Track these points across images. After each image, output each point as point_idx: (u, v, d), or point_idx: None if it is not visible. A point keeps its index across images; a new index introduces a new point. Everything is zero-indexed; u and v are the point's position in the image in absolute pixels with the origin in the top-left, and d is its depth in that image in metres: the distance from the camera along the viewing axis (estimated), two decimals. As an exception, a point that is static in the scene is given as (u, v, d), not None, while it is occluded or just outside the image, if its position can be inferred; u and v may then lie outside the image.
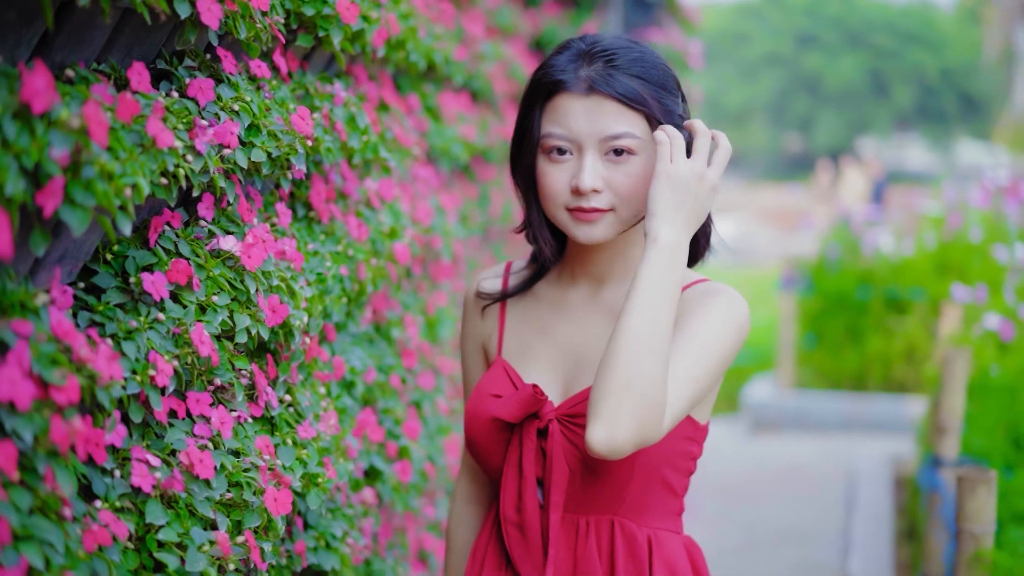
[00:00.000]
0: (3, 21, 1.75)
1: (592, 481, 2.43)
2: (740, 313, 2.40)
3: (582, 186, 2.36)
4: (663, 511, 2.48)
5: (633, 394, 2.21)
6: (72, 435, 1.70)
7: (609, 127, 2.36)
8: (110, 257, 2.16)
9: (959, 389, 5.25)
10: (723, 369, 2.37)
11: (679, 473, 2.48)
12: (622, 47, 2.42)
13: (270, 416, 2.52)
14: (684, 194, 2.30)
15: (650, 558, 2.46)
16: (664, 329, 2.24)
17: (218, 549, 2.10)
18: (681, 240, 2.29)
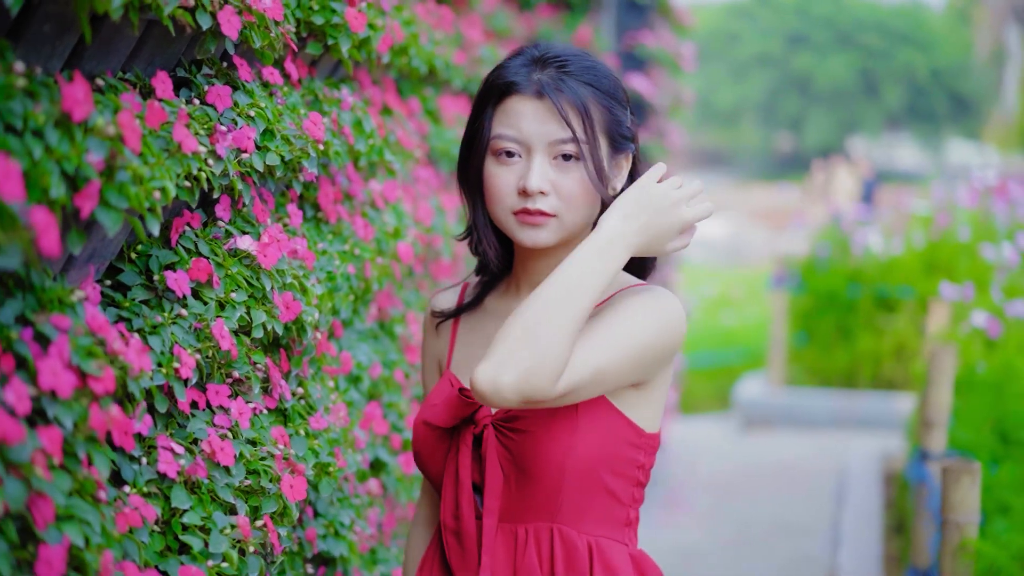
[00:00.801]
0: (40, 34, 1.87)
1: (527, 487, 2.42)
2: (667, 311, 2.40)
3: (529, 187, 2.38)
4: (606, 519, 2.45)
5: (530, 342, 2.22)
6: (109, 422, 1.82)
7: (558, 131, 2.38)
8: (135, 256, 2.27)
9: (946, 384, 5.36)
10: (641, 362, 2.35)
11: (623, 480, 2.44)
12: (575, 55, 2.45)
13: (284, 408, 2.63)
14: (650, 207, 2.32)
15: (591, 565, 2.44)
16: (580, 301, 2.24)
17: (239, 532, 2.21)
18: (624, 237, 2.30)
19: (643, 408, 2.44)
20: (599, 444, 2.39)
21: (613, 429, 2.41)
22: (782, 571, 7.10)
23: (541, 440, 2.38)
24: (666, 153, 9.00)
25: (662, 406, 2.50)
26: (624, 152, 2.48)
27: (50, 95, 1.75)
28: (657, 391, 2.46)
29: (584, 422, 2.39)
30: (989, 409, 5.74)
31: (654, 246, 2.34)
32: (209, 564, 2.14)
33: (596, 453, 2.39)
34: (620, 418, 2.41)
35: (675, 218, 2.34)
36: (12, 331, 1.73)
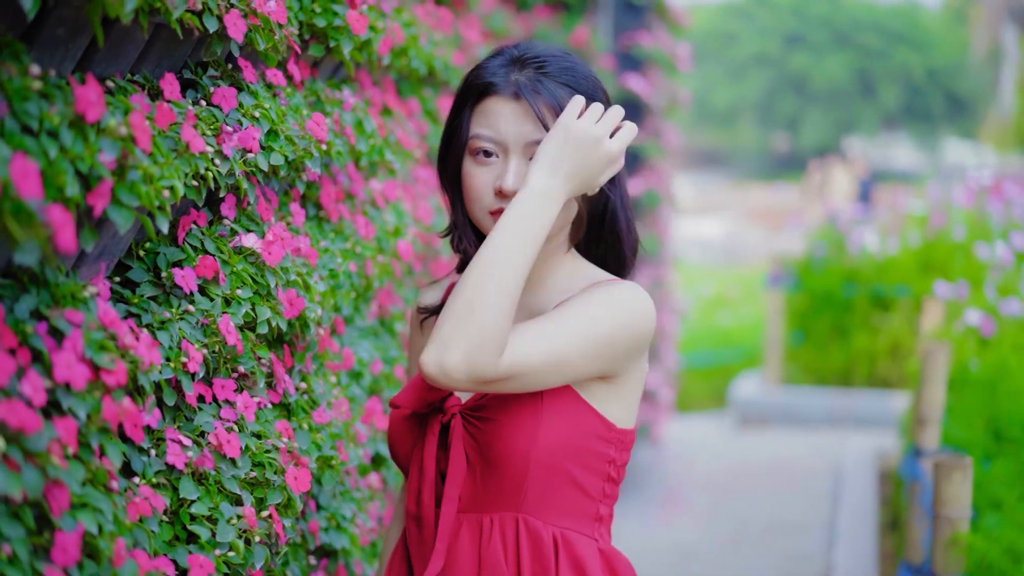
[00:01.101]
0: (53, 37, 1.92)
1: (492, 476, 2.43)
2: (633, 304, 2.42)
3: (505, 187, 2.39)
4: (573, 512, 2.46)
5: (470, 321, 2.23)
6: (121, 414, 1.87)
7: (535, 132, 2.40)
8: (143, 253, 2.33)
9: (939, 382, 5.41)
10: (604, 353, 2.37)
11: (591, 474, 2.46)
12: (554, 56, 2.46)
13: (287, 402, 2.69)
14: (575, 151, 2.33)
15: (556, 557, 2.45)
16: (514, 269, 2.26)
17: (245, 523, 2.27)
18: (555, 191, 2.32)
19: (614, 403, 2.46)
20: (564, 435, 2.41)
21: (581, 421, 2.43)
22: (778, 569, 7.15)
23: (505, 429, 2.40)
24: (663, 153, 9.06)
25: (635, 402, 2.51)
26: None
27: (64, 97, 1.80)
28: (627, 386, 2.47)
29: (549, 412, 2.40)
30: (982, 406, 5.79)
31: (585, 187, 2.36)
32: (216, 553, 2.20)
33: (561, 444, 2.41)
34: (589, 411, 2.43)
35: (601, 155, 2.35)
36: (27, 325, 1.78)
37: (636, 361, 2.47)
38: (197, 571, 2.11)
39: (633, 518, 8.14)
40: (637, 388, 2.51)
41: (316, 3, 2.92)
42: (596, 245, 2.59)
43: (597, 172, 2.36)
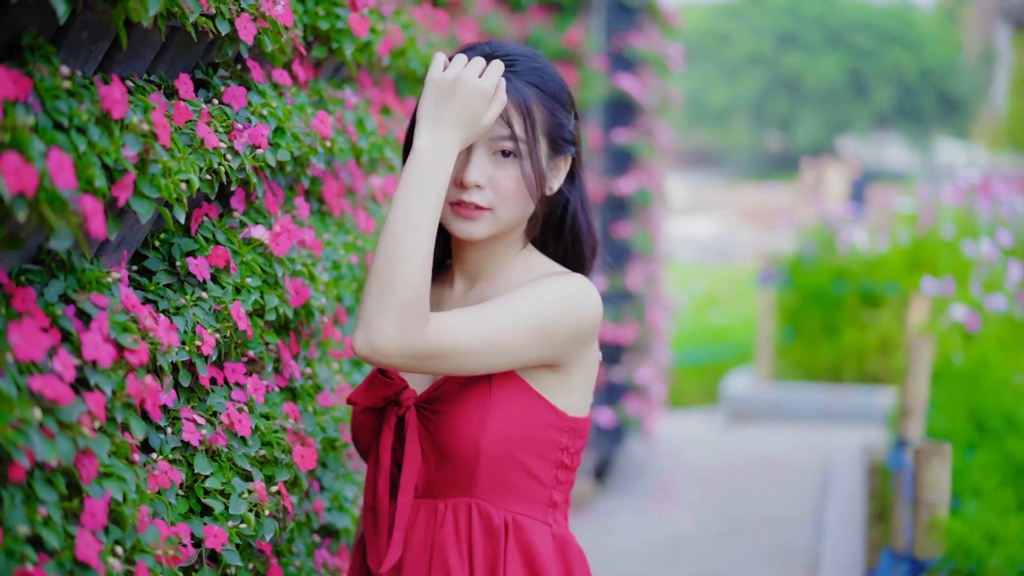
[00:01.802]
0: (78, 40, 2.06)
1: (445, 465, 2.49)
2: (576, 295, 2.48)
3: (466, 179, 2.45)
4: (526, 498, 2.52)
5: (389, 297, 2.28)
6: (143, 390, 2.01)
7: (499, 128, 2.46)
8: (158, 244, 2.46)
9: (923, 374, 5.55)
10: (543, 340, 2.42)
11: (543, 461, 2.52)
12: (523, 56, 2.53)
13: (293, 387, 2.83)
14: (447, 98, 2.37)
15: (506, 540, 2.50)
16: (421, 232, 2.31)
17: (256, 497, 2.41)
18: (441, 144, 2.35)
19: (563, 391, 2.52)
20: (514, 425, 2.47)
21: (530, 411, 2.48)
22: (768, 560, 7.29)
23: (455, 420, 2.46)
24: (655, 152, 9.19)
25: (586, 390, 2.56)
26: (563, 154, 2.57)
27: (91, 96, 1.94)
28: (577, 376, 2.53)
29: (497, 403, 2.46)
30: (965, 399, 5.93)
31: (473, 130, 2.39)
32: (229, 525, 2.33)
33: (511, 433, 2.47)
34: (539, 401, 2.49)
35: (473, 92, 2.37)
36: (57, 308, 1.93)
37: (583, 351, 2.52)
38: (212, 540, 2.24)
39: (625, 511, 8.28)
40: (588, 377, 2.56)
41: (320, 6, 3.05)
42: (555, 244, 2.67)
43: (478, 110, 2.39)
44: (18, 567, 1.68)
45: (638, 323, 8.87)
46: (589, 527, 7.85)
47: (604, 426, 8.51)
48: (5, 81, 1.63)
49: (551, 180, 2.56)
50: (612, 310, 8.53)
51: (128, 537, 1.97)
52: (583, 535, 7.50)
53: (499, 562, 2.49)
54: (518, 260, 2.60)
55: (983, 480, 4.74)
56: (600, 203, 8.27)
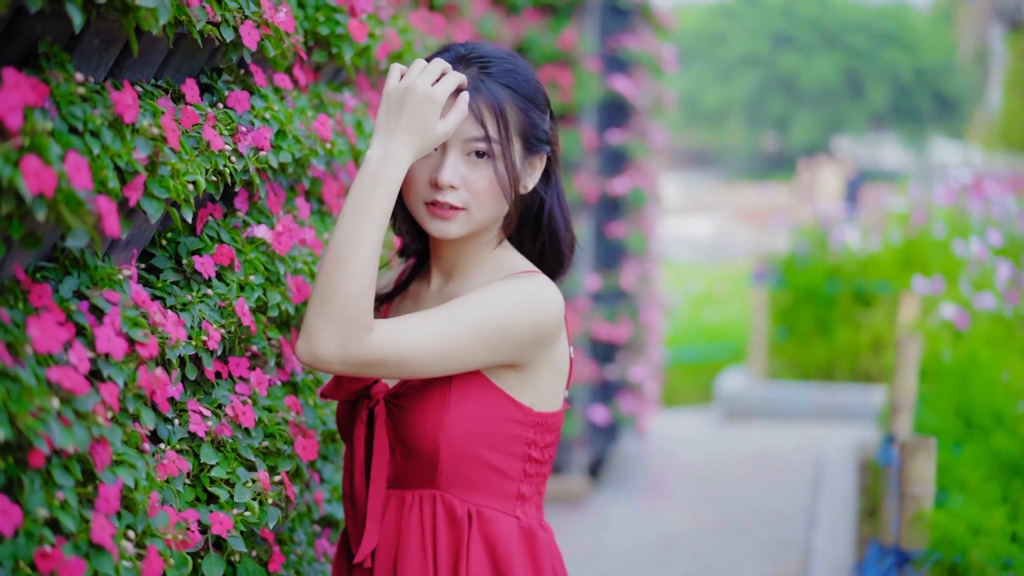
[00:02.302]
0: (90, 47, 2.15)
1: (410, 458, 2.56)
2: (531, 296, 2.51)
3: (440, 180, 2.48)
4: (491, 491, 2.57)
5: (328, 306, 2.31)
6: (154, 382, 2.11)
7: (472, 129, 2.49)
8: (165, 243, 2.55)
9: (912, 372, 5.64)
10: (496, 342, 2.46)
11: (507, 455, 2.57)
12: (498, 57, 2.57)
13: (295, 381, 2.92)
14: (398, 107, 2.40)
15: (469, 531, 2.55)
16: (364, 245, 2.34)
17: (259, 486, 2.50)
18: (392, 153, 2.39)
19: (528, 389, 2.56)
20: (474, 420, 2.52)
21: (492, 407, 2.53)
22: (760, 555, 7.38)
23: (416, 415, 2.53)
24: (648, 152, 9.28)
25: (556, 387, 2.60)
26: (538, 153, 2.61)
27: (104, 101, 2.04)
28: (541, 375, 2.57)
29: (456, 399, 2.51)
30: (954, 396, 6.02)
31: (426, 139, 2.41)
32: (234, 512, 2.42)
33: (470, 428, 2.52)
34: (502, 397, 2.54)
35: (426, 103, 2.40)
36: (71, 304, 2.02)
37: (545, 350, 2.56)
38: (218, 527, 2.34)
39: (620, 508, 8.37)
40: (555, 374, 2.60)
41: (320, 12, 3.14)
42: (532, 241, 2.71)
43: (428, 119, 2.41)
44: (37, 548, 1.78)
45: (632, 322, 8.97)
46: (584, 524, 7.94)
47: (598, 424, 8.60)
48: (24, 88, 1.72)
49: (526, 179, 2.61)
50: (606, 309, 8.63)
51: (139, 522, 2.06)
52: (578, 532, 7.65)
53: (462, 552, 2.54)
54: (492, 258, 2.64)
55: (969, 474, 4.83)
56: (594, 203, 8.36)
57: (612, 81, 8.41)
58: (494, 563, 2.56)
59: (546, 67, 7.78)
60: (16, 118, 1.68)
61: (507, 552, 2.56)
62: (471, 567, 2.54)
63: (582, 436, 8.39)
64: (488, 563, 2.56)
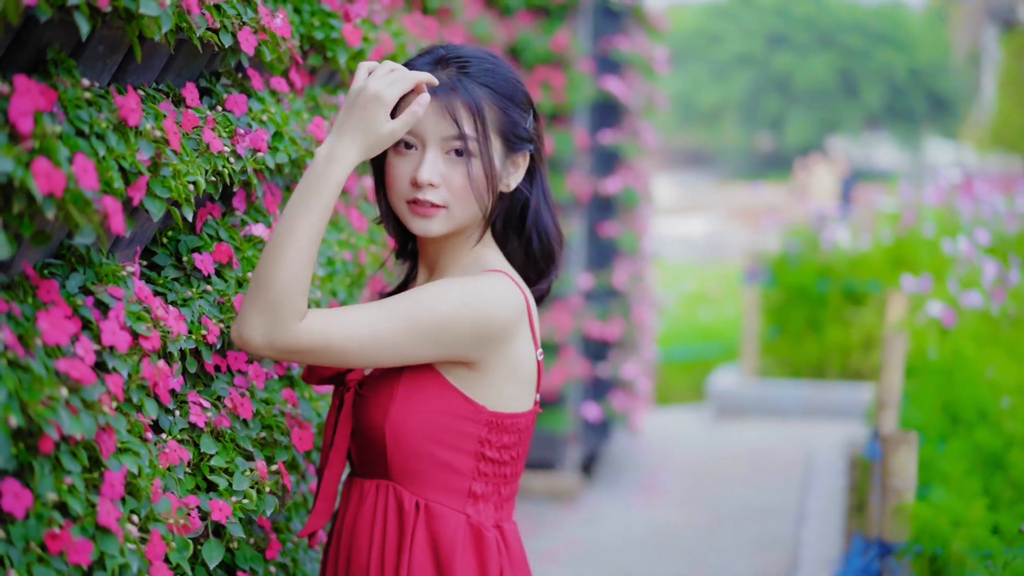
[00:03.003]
0: (95, 53, 2.24)
1: (366, 447, 2.64)
2: (481, 294, 2.55)
3: (419, 178, 2.54)
4: (442, 487, 2.61)
5: (260, 294, 2.39)
6: (156, 373, 2.21)
7: (449, 128, 2.55)
8: (166, 241, 2.65)
9: (898, 368, 5.73)
10: (437, 337, 2.50)
11: (457, 452, 2.60)
12: (477, 58, 2.62)
13: (291, 375, 3.02)
14: (350, 107, 2.47)
15: (414, 524, 2.60)
16: (299, 236, 2.41)
17: (257, 475, 2.60)
18: (338, 150, 2.45)
19: (481, 387, 2.59)
20: (419, 412, 2.57)
21: (440, 401, 2.58)
22: (751, 550, 7.49)
23: (368, 404, 2.61)
24: (640, 152, 9.38)
25: (517, 388, 2.63)
26: (520, 151, 2.65)
27: (108, 105, 2.14)
28: (496, 374, 2.60)
29: (403, 391, 2.57)
30: (939, 392, 6.11)
31: (373, 138, 2.47)
32: (233, 500, 2.52)
33: (416, 421, 2.57)
34: (451, 392, 2.58)
35: (373, 102, 2.46)
36: (78, 299, 2.12)
37: (494, 349, 2.58)
38: (217, 513, 2.43)
39: (612, 504, 8.48)
40: (512, 375, 2.62)
41: (315, 17, 3.24)
42: (518, 239, 2.75)
43: (375, 118, 2.46)
44: (47, 529, 1.87)
45: (624, 320, 9.07)
46: (576, 520, 8.05)
47: (591, 421, 8.71)
48: (34, 93, 1.82)
49: (508, 178, 2.66)
50: (599, 307, 8.73)
51: (143, 507, 2.16)
52: (570, 528, 7.75)
53: (405, 543, 2.60)
54: (470, 255, 2.69)
55: (951, 467, 4.92)
56: (587, 203, 8.46)
57: (604, 82, 8.51)
58: (435, 557, 2.61)
59: (539, 68, 7.89)
60: (27, 122, 1.78)
61: (449, 547, 2.60)
62: (413, 558, 2.60)
63: (575, 433, 8.49)
64: (430, 556, 2.61)
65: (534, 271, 2.78)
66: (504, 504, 2.70)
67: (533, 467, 8.44)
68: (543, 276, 2.78)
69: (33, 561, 1.84)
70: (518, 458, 2.69)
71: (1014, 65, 27.08)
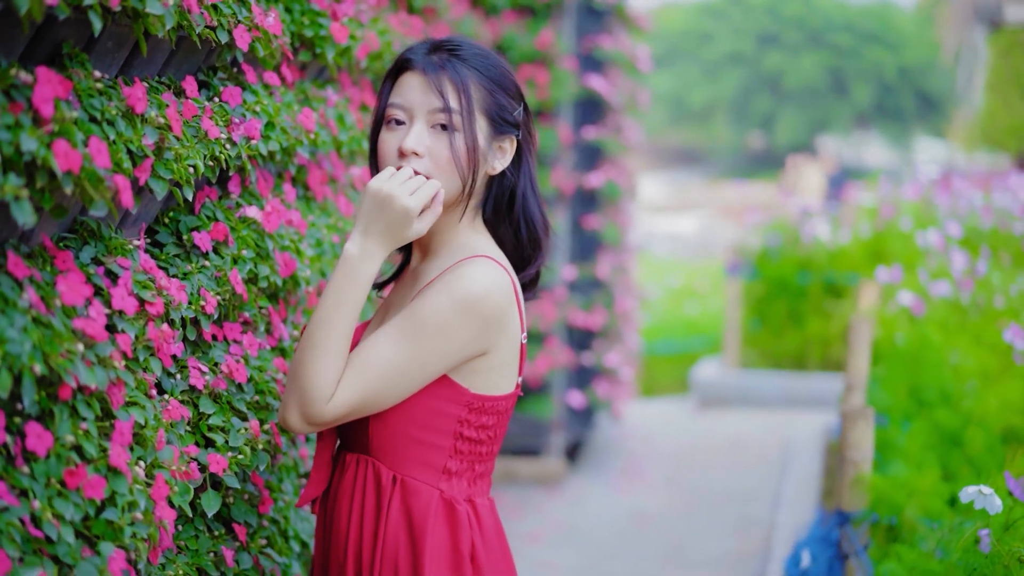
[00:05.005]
0: (104, 49, 2.49)
1: (349, 423, 2.78)
2: (468, 295, 2.65)
3: (405, 147, 2.66)
4: (419, 463, 2.73)
5: (295, 385, 2.60)
6: (160, 336, 2.46)
7: (435, 100, 2.68)
8: (167, 221, 2.90)
9: (864, 353, 5.98)
10: (440, 349, 2.63)
11: (435, 431, 2.72)
12: (471, 46, 2.76)
13: (283, 346, 3.27)
14: (379, 212, 2.62)
15: (391, 496, 2.73)
16: (332, 332, 2.59)
17: (251, 433, 2.85)
18: (368, 251, 2.64)
19: (466, 370, 2.71)
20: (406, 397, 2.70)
21: (426, 384, 2.70)
22: (729, 531, 7.74)
23: None
24: (623, 148, 9.62)
25: (499, 372, 2.75)
26: (506, 136, 2.78)
27: (117, 95, 2.39)
28: (498, 356, 2.73)
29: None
30: (906, 376, 6.36)
31: (399, 240, 2.65)
32: (229, 455, 2.77)
33: (399, 405, 2.70)
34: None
35: (402, 212, 2.61)
36: (90, 268, 2.37)
37: (498, 332, 2.71)
38: (215, 466, 2.68)
39: (596, 488, 8.72)
40: (495, 359, 2.74)
41: (305, 16, 3.48)
42: (507, 224, 2.85)
43: (403, 227, 2.64)
44: (66, 468, 2.12)
45: (607, 310, 9.31)
46: (559, 503, 8.30)
47: (575, 408, 8.95)
48: (54, 83, 2.06)
49: (493, 161, 2.78)
50: (582, 298, 8.98)
51: (148, 455, 2.41)
52: (554, 511, 7.99)
53: (382, 515, 2.74)
54: (459, 237, 2.80)
55: (910, 444, 5.17)
56: (570, 196, 8.71)
57: (588, 79, 8.74)
58: (409, 527, 2.73)
59: (524, 66, 8.14)
60: (48, 108, 2.03)
61: (422, 519, 2.72)
62: (388, 528, 2.74)
63: (559, 420, 8.73)
64: (404, 526, 2.74)
65: (522, 257, 2.88)
66: (477, 480, 2.81)
67: (519, 453, 8.70)
68: (530, 262, 2.89)
69: (54, 495, 2.09)
70: (495, 438, 2.81)
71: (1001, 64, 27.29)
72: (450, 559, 2.74)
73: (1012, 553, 3.24)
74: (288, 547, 3.19)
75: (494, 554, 2.81)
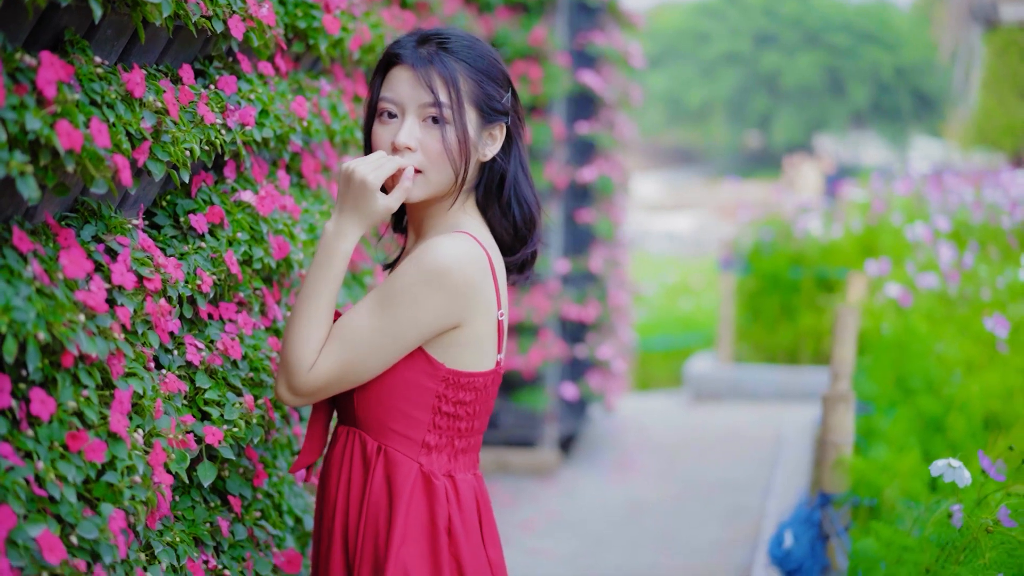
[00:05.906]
0: (104, 36, 2.60)
1: (338, 397, 2.90)
2: (434, 265, 2.73)
3: (397, 142, 2.75)
4: (398, 434, 2.84)
5: (282, 357, 2.77)
6: (158, 310, 2.57)
7: (426, 95, 2.76)
8: (165, 204, 3.01)
9: (850, 342, 6.08)
10: (405, 328, 2.73)
11: (415, 405, 2.82)
12: (459, 37, 2.82)
13: (276, 327, 3.38)
14: (345, 189, 2.76)
15: (374, 465, 2.84)
16: (311, 303, 2.74)
17: (245, 408, 2.96)
18: (340, 229, 2.77)
19: (442, 345, 2.80)
20: (386, 371, 2.81)
21: (406, 359, 2.80)
22: (719, 520, 7.84)
23: None
24: (615, 143, 9.72)
25: (475, 348, 2.83)
26: (495, 123, 2.85)
27: (116, 80, 2.50)
28: (473, 328, 2.81)
29: None
30: (892, 365, 6.47)
31: (368, 215, 2.77)
32: (224, 428, 2.88)
33: (382, 378, 2.81)
34: (416, 351, 2.80)
35: (359, 187, 2.73)
36: (91, 245, 2.48)
37: (471, 302, 2.78)
38: (211, 437, 2.79)
39: (589, 479, 8.83)
40: (469, 335, 2.82)
41: (298, 8, 3.59)
42: (498, 207, 2.92)
43: (365, 201, 2.76)
44: (68, 432, 2.23)
45: (600, 303, 9.42)
46: (553, 492, 8.41)
47: (568, 399, 9.05)
48: (57, 66, 2.18)
49: (484, 148, 2.85)
50: (575, 291, 9.09)
51: (147, 423, 2.52)
52: (548, 500, 8.11)
53: (368, 483, 2.86)
54: (449, 219, 2.88)
55: (892, 429, 5.29)
56: (564, 190, 8.81)
57: (580, 75, 8.84)
58: (390, 497, 2.84)
59: (517, 62, 8.25)
60: (52, 90, 2.14)
61: (400, 489, 2.82)
62: (372, 497, 2.85)
63: (553, 412, 8.84)
64: (385, 496, 2.84)
65: (518, 237, 2.95)
66: (459, 455, 2.90)
67: (513, 444, 8.81)
68: (526, 241, 2.96)
69: (56, 457, 2.20)
70: (475, 414, 2.89)
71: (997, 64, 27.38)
72: (427, 531, 2.83)
73: (981, 525, 3.35)
74: (282, 521, 3.30)
75: (472, 529, 2.89)
